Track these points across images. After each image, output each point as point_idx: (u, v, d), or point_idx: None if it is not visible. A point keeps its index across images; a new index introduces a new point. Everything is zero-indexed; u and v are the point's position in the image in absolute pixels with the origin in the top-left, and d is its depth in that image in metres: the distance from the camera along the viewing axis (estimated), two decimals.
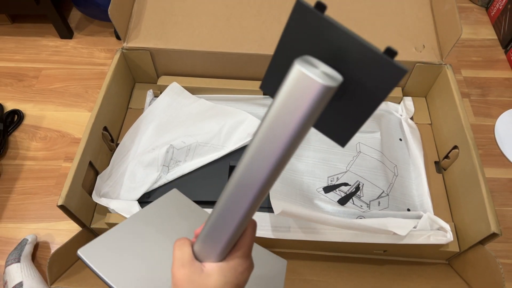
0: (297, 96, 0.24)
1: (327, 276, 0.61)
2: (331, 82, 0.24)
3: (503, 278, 0.52)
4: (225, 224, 0.29)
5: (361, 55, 0.25)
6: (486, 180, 0.58)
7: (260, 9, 0.77)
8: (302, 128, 0.25)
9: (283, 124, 0.25)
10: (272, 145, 0.26)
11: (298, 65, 0.24)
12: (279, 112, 0.25)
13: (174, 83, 0.77)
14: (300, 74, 0.24)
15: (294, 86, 0.24)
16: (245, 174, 0.28)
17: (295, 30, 0.28)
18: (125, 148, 0.71)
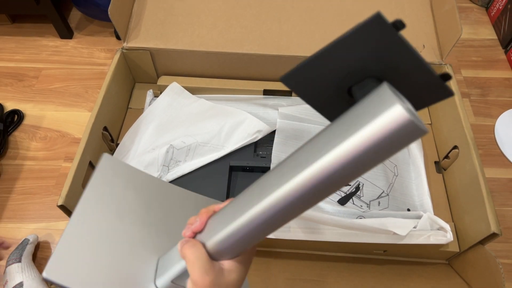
0: (385, 123, 0.24)
1: (327, 276, 0.61)
2: (420, 124, 0.23)
3: (503, 278, 0.52)
4: (252, 234, 0.29)
5: (421, 75, 0.26)
6: (486, 180, 0.58)
7: (260, 9, 0.77)
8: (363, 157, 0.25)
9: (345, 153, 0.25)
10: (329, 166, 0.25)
11: (393, 94, 0.24)
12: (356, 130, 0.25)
13: (174, 83, 0.77)
14: (398, 110, 0.23)
15: (386, 119, 0.23)
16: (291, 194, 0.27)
17: (362, 39, 0.27)
18: (125, 148, 0.71)
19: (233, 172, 0.68)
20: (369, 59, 0.27)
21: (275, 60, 0.74)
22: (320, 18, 0.76)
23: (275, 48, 0.73)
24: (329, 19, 0.76)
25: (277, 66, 0.75)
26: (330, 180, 0.26)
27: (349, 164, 0.25)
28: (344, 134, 0.25)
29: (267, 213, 0.28)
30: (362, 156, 0.25)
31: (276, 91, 0.78)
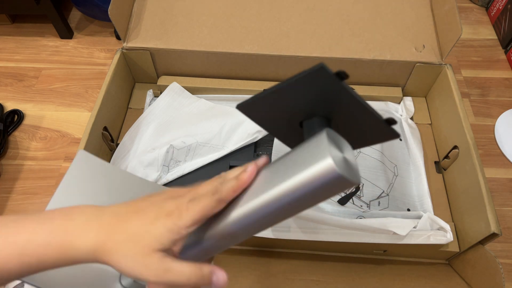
0: (316, 174, 0.26)
1: (327, 276, 0.61)
2: (351, 177, 0.26)
3: (503, 278, 0.52)
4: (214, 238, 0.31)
5: (366, 119, 0.30)
6: (486, 180, 0.58)
7: (260, 9, 0.77)
8: (296, 202, 0.28)
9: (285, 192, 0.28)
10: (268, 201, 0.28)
11: (328, 145, 0.26)
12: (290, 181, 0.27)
13: (174, 83, 0.77)
14: (326, 163, 0.26)
15: (317, 167, 0.26)
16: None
17: (308, 86, 0.29)
18: (125, 148, 0.71)
19: None
20: (316, 102, 0.30)
21: (275, 60, 0.74)
22: (320, 18, 0.76)
23: (275, 48, 0.73)
24: (329, 19, 0.76)
25: (277, 66, 0.75)
26: (272, 211, 0.28)
27: (284, 203, 0.28)
28: (282, 176, 0.28)
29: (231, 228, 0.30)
30: (294, 199, 0.27)
31: None
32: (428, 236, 0.59)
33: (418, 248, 0.61)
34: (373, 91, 0.78)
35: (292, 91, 0.29)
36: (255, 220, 0.29)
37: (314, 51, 0.73)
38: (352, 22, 0.76)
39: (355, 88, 0.77)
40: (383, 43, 0.74)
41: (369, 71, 0.75)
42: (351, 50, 0.73)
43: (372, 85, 0.78)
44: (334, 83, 0.28)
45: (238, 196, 0.30)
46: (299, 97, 0.30)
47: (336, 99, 0.29)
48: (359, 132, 0.31)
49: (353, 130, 0.31)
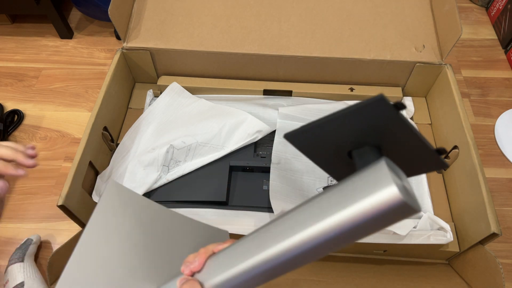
0: (379, 202, 0.25)
1: (327, 276, 0.61)
2: (413, 203, 0.26)
3: (503, 278, 0.52)
4: (249, 282, 0.30)
5: (418, 149, 0.30)
6: (486, 180, 0.58)
7: (260, 9, 0.77)
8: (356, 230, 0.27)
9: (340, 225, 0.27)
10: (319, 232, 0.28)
11: (389, 173, 0.26)
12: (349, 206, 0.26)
13: (174, 83, 0.77)
14: (390, 189, 0.25)
15: (382, 197, 0.25)
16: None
17: (364, 116, 0.29)
18: (125, 148, 0.71)
19: (233, 172, 0.68)
20: (369, 131, 0.30)
21: (275, 60, 0.74)
22: (320, 18, 0.76)
23: (275, 48, 0.73)
24: (329, 19, 0.76)
25: (277, 66, 0.75)
26: (324, 243, 0.28)
27: (341, 232, 0.27)
28: (341, 204, 0.27)
29: (266, 264, 0.29)
30: (354, 228, 0.26)
31: (276, 91, 0.78)
32: (428, 236, 0.59)
33: (418, 248, 0.61)
34: (373, 91, 0.78)
35: (347, 120, 0.30)
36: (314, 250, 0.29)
37: (314, 51, 0.73)
38: (352, 22, 0.76)
39: (355, 88, 0.78)
40: (383, 43, 0.74)
41: (369, 71, 0.75)
42: (351, 50, 0.73)
43: (372, 85, 0.78)
44: (392, 114, 0.28)
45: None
46: (353, 126, 0.30)
47: (391, 129, 0.29)
48: (409, 161, 0.31)
49: (404, 159, 0.30)
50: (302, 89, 0.77)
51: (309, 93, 0.77)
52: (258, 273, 0.30)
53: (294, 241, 0.28)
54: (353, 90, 0.77)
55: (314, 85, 0.78)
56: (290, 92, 0.77)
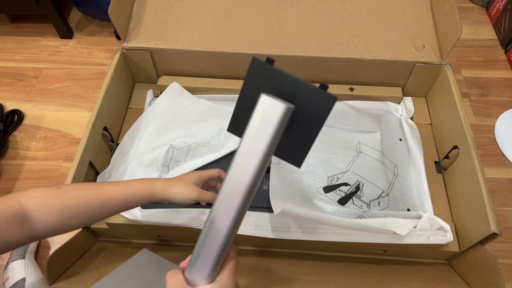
0: (267, 117, 0.32)
1: (327, 276, 0.61)
2: (289, 105, 0.33)
3: (503, 278, 0.52)
4: (210, 249, 0.33)
5: (304, 91, 0.35)
6: (486, 180, 0.58)
7: (260, 9, 0.77)
8: (271, 145, 0.33)
9: (257, 143, 0.33)
10: (248, 161, 0.34)
11: (264, 95, 0.33)
12: (254, 132, 0.33)
13: (174, 83, 0.77)
14: (268, 101, 0.32)
15: (264, 110, 0.32)
16: (226, 194, 0.34)
17: (253, 79, 0.37)
18: (125, 148, 0.71)
19: None
20: (267, 89, 0.36)
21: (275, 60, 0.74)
22: (320, 18, 0.76)
23: (275, 48, 0.73)
24: (329, 19, 0.76)
25: (277, 66, 0.75)
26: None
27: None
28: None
29: (210, 230, 0.34)
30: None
31: None
32: (428, 236, 0.59)
33: (418, 248, 0.61)
34: (373, 91, 0.78)
35: (248, 90, 0.37)
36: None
37: (314, 51, 0.73)
38: (352, 22, 0.76)
39: (355, 88, 0.78)
40: (383, 43, 0.74)
41: (369, 71, 0.75)
42: (351, 50, 0.73)
43: (372, 85, 0.78)
44: (268, 69, 0.36)
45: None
46: (255, 92, 0.35)
47: (277, 82, 0.36)
48: (308, 112, 0.36)
49: (304, 114, 0.36)
50: None
51: None
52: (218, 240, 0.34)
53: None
54: (353, 90, 0.77)
55: None
56: None
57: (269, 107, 0.32)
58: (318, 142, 0.70)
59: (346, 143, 0.71)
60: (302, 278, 0.61)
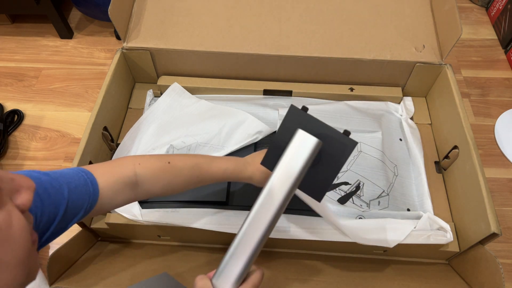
0: (302, 146, 0.40)
1: (327, 276, 0.61)
2: (319, 140, 0.40)
3: (503, 278, 0.52)
4: (238, 260, 0.38)
5: (330, 134, 0.42)
6: (486, 180, 0.58)
7: (260, 9, 0.77)
8: (303, 170, 0.39)
9: (292, 167, 0.39)
10: (282, 182, 0.39)
11: (301, 130, 0.40)
12: (290, 158, 0.40)
13: (175, 83, 0.77)
14: (303, 134, 0.40)
15: (300, 141, 0.40)
16: (257, 215, 0.38)
17: (289, 123, 0.43)
18: (126, 148, 0.71)
19: None
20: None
21: (275, 60, 0.74)
22: (320, 18, 0.76)
23: (275, 48, 0.73)
24: (329, 19, 0.76)
25: (277, 66, 0.75)
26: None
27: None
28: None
29: (239, 245, 0.38)
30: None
31: (276, 91, 0.78)
32: (428, 236, 0.59)
33: (418, 248, 0.61)
34: (373, 91, 0.78)
35: (284, 130, 0.43)
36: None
37: (314, 51, 0.73)
38: (352, 22, 0.76)
39: (355, 88, 0.78)
40: (383, 43, 0.74)
41: (369, 71, 0.75)
42: (351, 50, 0.73)
43: (372, 85, 0.78)
44: (303, 115, 0.43)
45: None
46: (290, 132, 0.41)
47: (309, 126, 0.42)
48: (332, 153, 0.42)
49: (329, 154, 0.42)
50: (302, 89, 0.77)
51: (309, 93, 0.77)
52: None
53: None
54: (353, 90, 0.77)
55: (314, 85, 0.78)
56: (290, 92, 0.77)
57: (304, 139, 0.40)
58: None
59: None
60: (302, 278, 0.61)
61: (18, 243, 0.26)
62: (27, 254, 0.26)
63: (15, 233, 0.25)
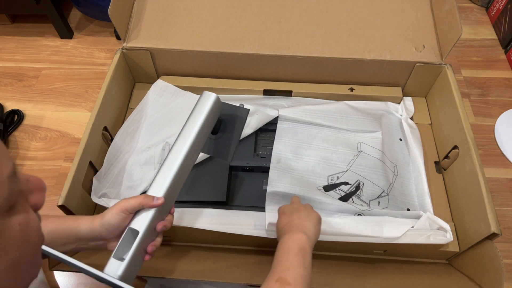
0: (204, 99, 0.53)
1: (327, 276, 0.61)
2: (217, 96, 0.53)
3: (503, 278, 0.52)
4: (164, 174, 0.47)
5: (230, 108, 0.56)
6: (486, 180, 0.58)
7: (260, 9, 0.77)
8: (209, 117, 0.52)
9: (199, 114, 0.52)
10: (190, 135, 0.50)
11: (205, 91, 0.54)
12: (198, 107, 0.52)
13: (159, 80, 0.77)
14: (206, 92, 0.54)
15: (203, 97, 0.53)
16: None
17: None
18: (118, 148, 0.71)
19: (233, 172, 0.68)
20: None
21: (275, 60, 0.74)
22: (320, 18, 0.76)
23: (275, 48, 0.73)
24: (329, 19, 0.76)
25: (277, 66, 0.75)
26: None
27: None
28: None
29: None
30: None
31: (276, 91, 0.78)
32: (428, 236, 0.59)
33: (418, 248, 0.61)
34: (373, 91, 0.78)
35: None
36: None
37: (314, 51, 0.73)
38: (352, 22, 0.76)
39: (355, 88, 0.78)
40: (383, 43, 0.74)
41: (369, 71, 0.75)
42: (351, 50, 0.73)
43: (372, 85, 0.78)
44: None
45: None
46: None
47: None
48: (229, 126, 0.57)
49: (225, 127, 0.56)
50: (302, 89, 0.77)
51: (309, 93, 0.77)
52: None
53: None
54: (353, 90, 0.77)
55: (314, 85, 0.78)
56: (290, 92, 0.77)
57: (207, 95, 0.53)
58: (320, 141, 0.70)
59: (347, 143, 0.71)
60: None
61: (34, 243, 0.27)
62: (39, 252, 0.28)
63: (32, 233, 0.26)
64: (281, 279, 0.43)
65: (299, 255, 0.46)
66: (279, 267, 0.45)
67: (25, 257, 0.26)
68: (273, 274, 0.44)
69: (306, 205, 0.55)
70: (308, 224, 0.50)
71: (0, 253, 0.24)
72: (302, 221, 0.50)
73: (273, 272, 0.45)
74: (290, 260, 0.45)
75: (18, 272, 0.25)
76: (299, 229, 0.49)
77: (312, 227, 0.50)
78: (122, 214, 0.44)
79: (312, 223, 0.51)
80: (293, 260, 0.45)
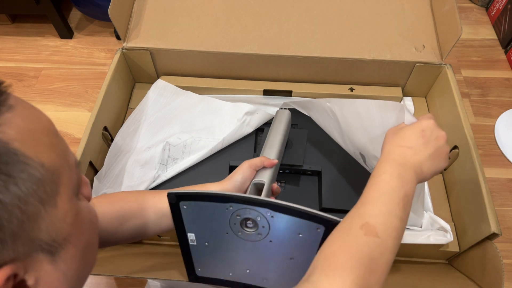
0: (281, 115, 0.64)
1: None
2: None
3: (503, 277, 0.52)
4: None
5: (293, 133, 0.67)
6: (486, 180, 0.58)
7: (260, 9, 0.77)
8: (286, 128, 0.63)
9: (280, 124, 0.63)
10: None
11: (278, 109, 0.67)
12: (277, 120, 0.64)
13: (159, 80, 0.77)
14: (280, 110, 0.66)
15: (279, 113, 0.65)
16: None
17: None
18: (118, 148, 0.71)
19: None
20: None
21: (275, 60, 0.74)
22: (320, 18, 0.76)
23: (275, 48, 0.73)
24: (329, 19, 0.76)
25: (277, 66, 0.75)
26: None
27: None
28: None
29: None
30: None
31: (276, 91, 0.78)
32: (428, 236, 0.59)
33: (418, 248, 0.61)
34: (373, 91, 0.78)
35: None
36: None
37: (314, 51, 0.73)
38: (352, 22, 0.76)
39: (355, 88, 0.78)
40: (383, 43, 0.74)
41: (369, 71, 0.75)
42: (351, 50, 0.73)
43: (372, 85, 0.78)
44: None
45: None
46: None
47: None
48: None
49: None
50: (302, 89, 0.77)
51: (309, 93, 0.77)
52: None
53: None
54: (353, 90, 0.77)
55: (314, 85, 0.78)
56: (290, 92, 0.77)
57: (282, 112, 0.64)
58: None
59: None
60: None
61: (96, 228, 0.31)
62: (98, 239, 0.32)
63: (94, 218, 0.31)
64: (368, 227, 0.35)
65: (401, 203, 0.37)
66: (369, 208, 0.37)
67: (93, 239, 0.30)
68: (359, 213, 0.37)
69: (444, 134, 0.43)
70: (428, 165, 0.40)
71: (78, 232, 0.27)
72: (426, 159, 0.40)
73: (360, 211, 0.37)
74: (387, 205, 0.37)
75: (88, 256, 0.28)
76: (416, 168, 0.40)
77: (429, 174, 0.41)
78: (250, 169, 0.52)
79: (434, 168, 0.41)
80: (391, 207, 0.37)
